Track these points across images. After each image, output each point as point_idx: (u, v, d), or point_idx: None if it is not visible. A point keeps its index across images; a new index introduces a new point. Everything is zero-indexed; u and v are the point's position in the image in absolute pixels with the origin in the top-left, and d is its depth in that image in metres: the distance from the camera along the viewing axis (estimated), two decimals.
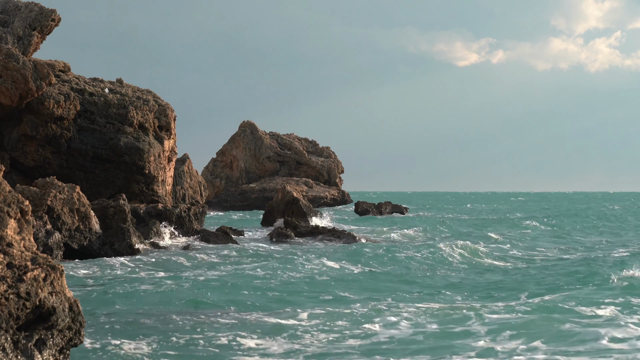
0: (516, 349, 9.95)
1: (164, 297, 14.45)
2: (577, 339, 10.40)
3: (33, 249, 7.68)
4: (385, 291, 15.78)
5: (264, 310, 13.17)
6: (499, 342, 10.37)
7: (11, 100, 26.98)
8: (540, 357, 9.49)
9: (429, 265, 21.66)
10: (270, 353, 9.97)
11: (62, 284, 7.48)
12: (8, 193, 7.69)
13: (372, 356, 9.77)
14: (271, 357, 9.79)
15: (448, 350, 9.95)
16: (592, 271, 18.44)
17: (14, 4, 30.09)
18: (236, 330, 11.33)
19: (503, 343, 10.30)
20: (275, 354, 9.94)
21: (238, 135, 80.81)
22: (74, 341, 7.60)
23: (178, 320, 12.06)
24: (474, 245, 25.41)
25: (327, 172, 79.67)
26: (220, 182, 78.54)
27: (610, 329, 10.88)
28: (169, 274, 17.82)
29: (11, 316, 7.01)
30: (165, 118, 31.26)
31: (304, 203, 37.25)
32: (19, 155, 28.26)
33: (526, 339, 10.41)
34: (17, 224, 7.70)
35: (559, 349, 9.89)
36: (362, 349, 10.17)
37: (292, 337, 10.88)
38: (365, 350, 10.09)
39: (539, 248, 27.85)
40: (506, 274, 19.38)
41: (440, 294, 15.46)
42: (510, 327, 11.18)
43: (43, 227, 20.08)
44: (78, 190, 22.27)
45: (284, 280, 17.24)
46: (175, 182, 45.44)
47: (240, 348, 10.20)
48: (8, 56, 26.79)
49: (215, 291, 15.25)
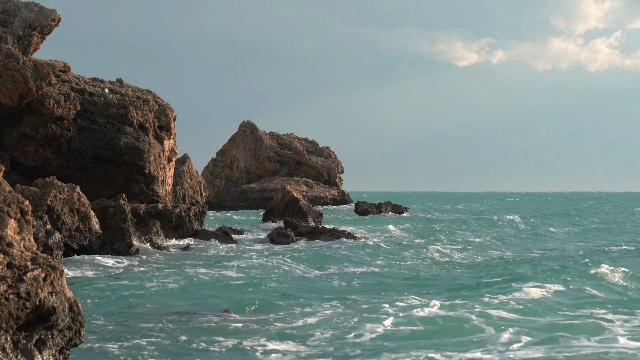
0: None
1: (164, 296, 14.46)
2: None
3: (33, 249, 7.68)
4: (387, 290, 15.78)
5: (265, 309, 13.17)
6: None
7: (11, 100, 26.98)
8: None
9: (426, 264, 21.67)
10: (272, 352, 9.96)
11: (62, 284, 7.48)
12: (8, 193, 7.69)
13: (380, 353, 9.78)
14: (275, 356, 9.79)
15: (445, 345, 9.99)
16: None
17: (14, 4, 30.10)
18: (238, 329, 11.33)
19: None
20: (277, 353, 9.93)
21: (238, 135, 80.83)
22: (74, 341, 7.61)
23: (177, 320, 12.06)
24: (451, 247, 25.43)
25: (327, 172, 79.68)
26: (220, 182, 78.55)
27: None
28: (169, 273, 17.82)
29: (11, 316, 7.01)
30: (165, 118, 31.26)
31: (304, 203, 37.24)
32: (19, 155, 28.26)
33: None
34: (17, 224, 7.70)
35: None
36: (367, 347, 10.17)
37: (293, 337, 10.88)
38: (370, 347, 10.09)
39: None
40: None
41: (446, 291, 15.47)
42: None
43: (43, 227, 20.08)
44: (78, 190, 22.27)
45: (284, 280, 17.24)
46: (175, 182, 45.44)
47: (242, 347, 10.20)
48: (8, 56, 26.79)
49: (216, 291, 15.26)
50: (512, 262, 21.96)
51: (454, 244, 28.48)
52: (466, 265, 21.85)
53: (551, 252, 26.53)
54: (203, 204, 28.78)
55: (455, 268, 20.87)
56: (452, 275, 18.93)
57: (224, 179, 79.02)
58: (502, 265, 20.84)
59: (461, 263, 22.51)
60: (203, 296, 14.54)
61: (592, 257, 22.06)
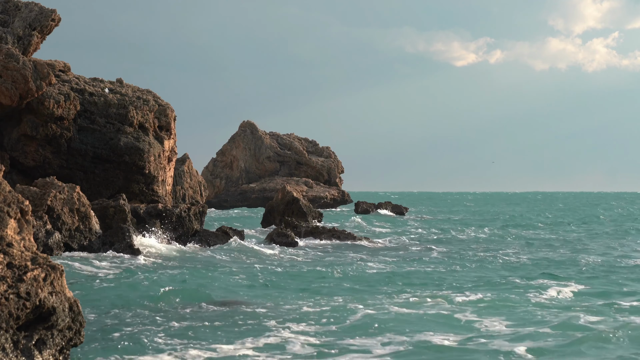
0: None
1: (164, 296, 14.46)
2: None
3: (33, 249, 7.69)
4: (389, 288, 15.80)
5: (266, 306, 13.18)
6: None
7: (11, 100, 26.98)
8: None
9: (430, 262, 21.68)
10: (273, 350, 9.98)
11: (62, 284, 7.49)
12: (8, 193, 7.70)
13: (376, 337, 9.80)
14: (277, 354, 9.80)
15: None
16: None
17: (14, 4, 30.08)
18: (239, 329, 11.34)
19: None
20: (279, 352, 9.95)
21: (238, 135, 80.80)
22: (74, 341, 7.61)
23: (177, 320, 12.06)
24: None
25: (327, 172, 79.64)
26: (220, 182, 78.53)
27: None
28: (169, 273, 17.82)
29: (11, 316, 7.01)
30: (165, 118, 31.25)
31: (304, 203, 37.23)
32: (19, 155, 28.25)
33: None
34: (17, 224, 7.70)
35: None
36: (370, 340, 10.20)
37: (294, 336, 10.89)
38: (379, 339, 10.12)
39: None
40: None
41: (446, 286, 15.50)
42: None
43: (43, 227, 20.08)
44: (78, 190, 22.27)
45: (284, 280, 17.25)
46: (175, 182, 45.43)
47: (244, 345, 10.20)
48: (8, 56, 26.79)
49: (215, 290, 15.26)
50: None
51: (463, 248, 28.46)
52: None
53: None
54: (203, 204, 28.76)
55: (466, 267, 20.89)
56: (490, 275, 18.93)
57: (224, 179, 78.99)
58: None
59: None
60: (203, 295, 14.54)
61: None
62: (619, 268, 20.84)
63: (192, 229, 27.58)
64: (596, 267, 21.12)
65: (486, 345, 10.34)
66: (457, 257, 23.71)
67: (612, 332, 10.82)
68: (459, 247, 27.64)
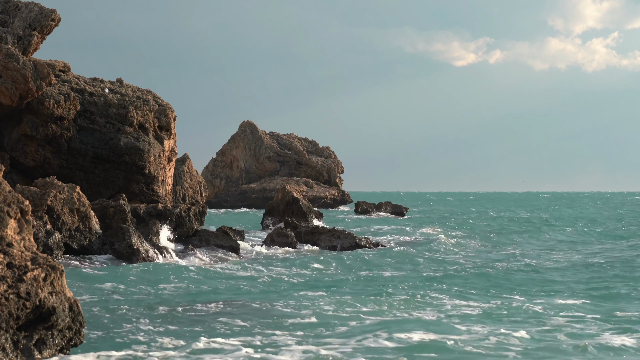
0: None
1: (164, 296, 14.46)
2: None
3: (33, 249, 7.69)
4: (391, 287, 15.81)
5: (267, 306, 13.18)
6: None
7: (11, 100, 26.99)
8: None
9: (428, 263, 21.67)
10: (273, 350, 9.98)
11: (62, 284, 7.49)
12: (8, 193, 7.70)
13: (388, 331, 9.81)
14: (277, 355, 9.80)
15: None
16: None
17: (14, 4, 30.08)
18: (238, 329, 11.34)
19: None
20: (278, 352, 9.95)
21: (238, 135, 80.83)
22: (74, 341, 7.61)
23: (177, 319, 12.07)
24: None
25: (327, 172, 79.66)
26: (220, 182, 78.56)
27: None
28: (169, 272, 17.83)
29: (11, 316, 7.01)
30: (165, 118, 31.25)
31: (304, 203, 37.22)
32: (19, 155, 28.26)
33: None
34: (17, 224, 7.70)
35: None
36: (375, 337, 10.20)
37: (294, 334, 10.89)
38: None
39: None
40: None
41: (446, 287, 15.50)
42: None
43: (43, 227, 20.08)
44: (78, 190, 22.27)
45: (283, 279, 17.25)
46: (175, 182, 45.45)
47: (244, 345, 10.20)
48: (8, 56, 26.79)
49: (215, 290, 15.26)
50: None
51: (467, 251, 28.49)
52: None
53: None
54: (203, 204, 28.75)
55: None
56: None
57: (224, 179, 79.03)
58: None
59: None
60: (203, 295, 14.54)
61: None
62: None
63: (192, 229, 27.58)
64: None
65: (486, 345, 10.35)
66: (458, 258, 23.72)
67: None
68: (459, 248, 27.65)
